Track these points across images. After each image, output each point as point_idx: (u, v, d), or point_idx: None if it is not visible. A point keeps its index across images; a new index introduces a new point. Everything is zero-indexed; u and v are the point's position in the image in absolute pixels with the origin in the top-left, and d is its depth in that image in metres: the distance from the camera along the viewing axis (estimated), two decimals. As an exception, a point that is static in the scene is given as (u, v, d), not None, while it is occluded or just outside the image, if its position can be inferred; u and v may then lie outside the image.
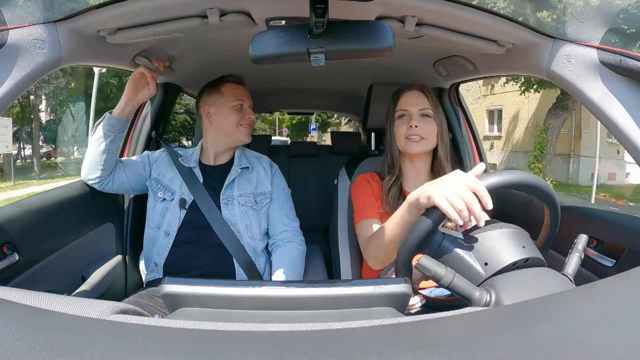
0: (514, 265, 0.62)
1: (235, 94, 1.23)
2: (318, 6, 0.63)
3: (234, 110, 1.21)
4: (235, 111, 1.21)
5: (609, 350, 0.31)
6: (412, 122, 1.05)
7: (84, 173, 1.17)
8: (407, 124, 1.07)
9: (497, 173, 0.67)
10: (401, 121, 1.09)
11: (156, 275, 1.16)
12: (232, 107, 1.22)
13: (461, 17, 0.83)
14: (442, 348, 0.32)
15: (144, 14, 0.83)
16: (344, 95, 2.30)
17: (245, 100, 1.25)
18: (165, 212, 1.17)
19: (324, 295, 0.48)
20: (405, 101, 1.10)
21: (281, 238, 1.21)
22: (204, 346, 0.34)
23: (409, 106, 1.08)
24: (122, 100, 1.13)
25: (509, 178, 0.66)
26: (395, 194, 1.08)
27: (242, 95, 1.25)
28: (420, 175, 1.13)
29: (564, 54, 0.84)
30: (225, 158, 1.25)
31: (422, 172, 1.13)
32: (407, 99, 1.10)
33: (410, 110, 1.08)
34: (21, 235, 0.90)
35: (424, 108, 1.08)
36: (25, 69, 0.74)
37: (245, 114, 1.23)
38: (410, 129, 1.05)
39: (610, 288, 0.44)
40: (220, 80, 1.25)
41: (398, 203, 1.06)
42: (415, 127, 1.05)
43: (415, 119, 1.07)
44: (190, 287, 0.48)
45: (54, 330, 0.35)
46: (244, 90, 1.26)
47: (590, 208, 0.97)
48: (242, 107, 1.24)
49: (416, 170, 1.13)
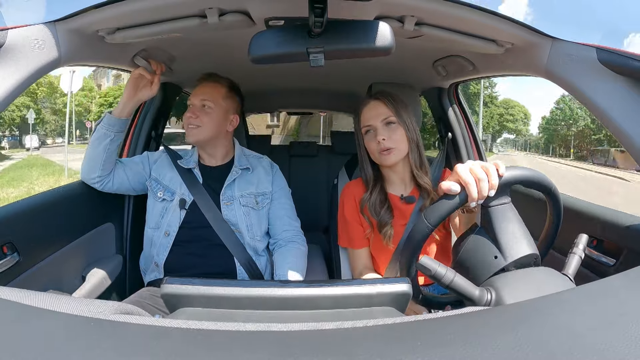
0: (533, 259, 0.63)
1: (192, 95, 1.21)
2: (317, 6, 0.63)
3: (187, 112, 1.19)
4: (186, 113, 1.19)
5: (609, 349, 0.31)
6: (379, 136, 1.04)
7: (83, 173, 1.17)
8: (375, 139, 1.05)
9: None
10: (369, 136, 1.08)
11: (157, 275, 1.16)
12: (187, 109, 1.20)
13: (460, 16, 0.83)
14: (442, 348, 0.32)
15: (143, 14, 0.83)
16: (343, 95, 2.30)
17: (192, 98, 1.19)
18: (165, 212, 1.17)
19: (324, 295, 0.48)
20: (367, 115, 1.08)
21: (283, 238, 1.21)
22: (204, 346, 0.34)
23: (372, 120, 1.07)
24: (122, 100, 1.13)
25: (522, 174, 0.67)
26: (377, 201, 1.09)
27: (192, 95, 1.20)
28: (404, 179, 1.13)
29: (563, 54, 0.84)
30: (223, 159, 1.25)
31: (406, 175, 1.13)
32: (368, 112, 1.08)
33: (373, 123, 1.06)
34: (21, 235, 0.90)
35: (386, 117, 1.06)
36: (24, 69, 0.74)
37: (187, 114, 1.18)
38: (379, 144, 1.04)
39: (610, 287, 0.45)
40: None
41: (382, 209, 1.07)
42: (384, 140, 1.03)
43: (380, 131, 1.04)
44: (190, 287, 0.48)
45: (55, 331, 0.35)
46: (197, 89, 1.21)
47: (591, 208, 0.97)
48: (190, 106, 1.19)
49: (399, 176, 1.13)
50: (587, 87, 0.80)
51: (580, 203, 1.01)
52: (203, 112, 1.17)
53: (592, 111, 0.80)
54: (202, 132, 1.17)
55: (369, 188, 1.10)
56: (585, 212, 0.96)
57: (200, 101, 1.18)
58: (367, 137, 1.08)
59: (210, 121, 1.18)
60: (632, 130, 0.74)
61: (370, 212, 1.09)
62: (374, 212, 1.08)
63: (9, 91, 0.71)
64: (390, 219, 1.06)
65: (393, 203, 1.10)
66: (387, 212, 1.07)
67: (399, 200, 1.11)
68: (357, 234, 1.13)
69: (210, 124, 1.18)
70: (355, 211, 1.13)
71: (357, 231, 1.12)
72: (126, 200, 1.39)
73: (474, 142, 1.60)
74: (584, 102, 0.81)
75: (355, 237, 1.13)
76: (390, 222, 1.06)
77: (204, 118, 1.17)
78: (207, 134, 1.18)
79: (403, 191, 1.13)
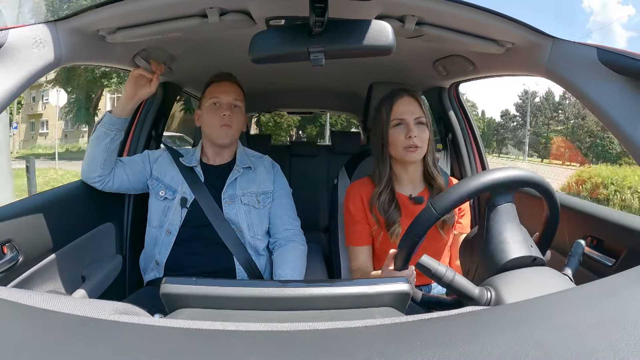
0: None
1: (210, 93, 1.20)
2: (318, 5, 0.63)
3: (210, 110, 1.18)
4: (212, 112, 1.18)
5: (608, 349, 0.31)
6: (412, 133, 1.04)
7: (84, 172, 1.17)
8: (404, 133, 1.05)
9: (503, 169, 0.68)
10: (398, 129, 1.07)
11: (156, 274, 1.16)
12: (208, 108, 1.19)
13: (461, 16, 0.83)
14: (442, 347, 0.32)
15: (144, 13, 0.83)
16: (344, 95, 2.30)
17: (222, 96, 1.18)
18: (166, 210, 1.17)
19: (324, 294, 0.48)
20: (402, 109, 1.07)
21: (283, 237, 1.21)
22: (204, 346, 0.34)
23: (406, 114, 1.06)
24: (123, 99, 1.12)
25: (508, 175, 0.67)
26: (386, 199, 1.08)
27: (218, 92, 1.19)
28: (414, 180, 1.14)
29: (564, 54, 0.84)
30: (226, 158, 1.25)
31: (416, 176, 1.13)
32: (402, 106, 1.08)
33: (407, 118, 1.06)
34: (21, 235, 0.90)
35: (419, 116, 1.07)
36: (25, 69, 0.74)
37: (221, 112, 1.17)
38: (409, 139, 1.04)
39: (609, 287, 0.44)
40: (207, 84, 1.24)
41: (390, 207, 1.07)
42: (415, 138, 1.04)
43: (413, 128, 1.05)
44: (190, 287, 0.48)
45: (55, 331, 0.35)
46: (222, 87, 1.20)
47: (590, 207, 0.97)
48: (218, 105, 1.18)
49: (410, 177, 1.13)
50: (588, 86, 0.80)
51: (580, 203, 1.01)
52: (234, 111, 1.19)
53: (592, 111, 0.80)
54: (234, 132, 1.19)
55: (381, 185, 1.10)
56: (585, 211, 0.96)
57: (233, 100, 1.19)
58: (395, 130, 1.07)
59: (239, 121, 1.21)
60: (632, 130, 0.74)
61: (378, 210, 1.08)
62: (382, 210, 1.07)
63: (10, 91, 0.71)
64: (399, 218, 1.07)
65: (401, 202, 1.10)
66: (395, 210, 1.07)
67: (408, 200, 1.11)
68: (360, 232, 1.12)
69: (239, 125, 1.21)
70: (362, 210, 1.12)
71: (362, 229, 1.12)
72: (126, 199, 1.38)
73: (474, 142, 1.60)
74: (585, 101, 0.81)
75: (358, 235, 1.12)
76: (399, 220, 1.06)
77: (235, 118, 1.19)
78: (237, 134, 1.22)
79: (412, 191, 1.13)
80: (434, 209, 0.67)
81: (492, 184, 0.67)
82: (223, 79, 1.23)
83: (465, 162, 1.57)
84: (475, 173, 1.49)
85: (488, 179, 0.67)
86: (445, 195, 0.69)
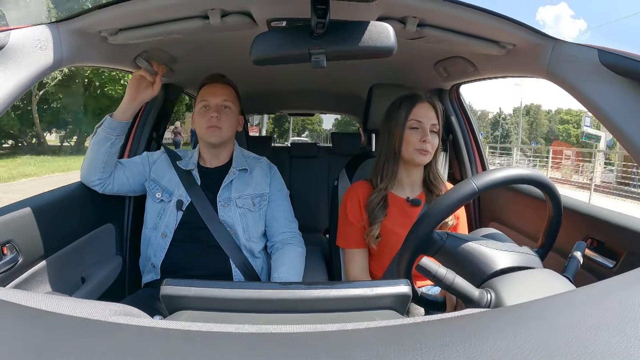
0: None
1: (200, 95, 1.20)
2: (319, 7, 0.63)
3: (199, 113, 1.18)
4: (201, 114, 1.18)
5: (609, 352, 0.31)
6: (427, 137, 1.07)
7: (83, 175, 1.17)
8: (419, 136, 1.07)
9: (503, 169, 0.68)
10: (414, 132, 1.08)
11: (153, 277, 1.15)
12: (198, 111, 1.19)
13: (462, 18, 0.83)
14: (442, 350, 0.32)
15: (146, 15, 0.83)
16: (345, 96, 2.30)
17: (210, 98, 1.18)
18: (162, 213, 1.17)
19: (324, 297, 0.48)
20: (421, 112, 1.09)
21: (280, 240, 1.21)
22: (203, 348, 0.34)
23: (424, 118, 1.08)
24: (124, 102, 1.12)
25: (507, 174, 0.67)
26: (380, 205, 1.09)
27: (207, 95, 1.18)
28: (415, 183, 1.15)
29: (565, 55, 0.84)
30: (223, 160, 1.25)
31: (418, 180, 1.15)
32: (422, 110, 1.09)
33: (424, 122, 1.08)
34: (21, 236, 0.90)
35: (435, 124, 1.09)
36: (27, 70, 0.74)
37: (208, 114, 1.16)
38: (423, 142, 1.06)
39: (610, 289, 0.44)
40: (200, 87, 1.24)
41: (381, 212, 1.09)
42: (428, 142, 1.07)
43: (428, 133, 1.08)
44: (189, 288, 0.48)
45: (54, 332, 0.35)
46: (212, 88, 1.20)
47: (591, 209, 0.97)
48: (207, 107, 1.18)
49: (411, 180, 1.14)
50: (589, 88, 0.80)
51: (580, 204, 1.00)
52: (223, 112, 1.18)
53: (593, 112, 0.80)
54: (224, 133, 1.18)
55: (381, 185, 1.10)
56: (585, 213, 0.96)
57: (223, 101, 1.19)
58: (411, 131, 1.09)
59: (230, 122, 1.20)
60: (633, 131, 0.73)
61: (366, 208, 1.10)
62: (369, 209, 1.09)
63: (11, 92, 0.72)
64: (382, 218, 1.08)
65: (397, 205, 1.11)
66: (381, 209, 1.08)
67: (405, 203, 1.12)
68: (354, 234, 1.13)
69: (230, 125, 1.20)
70: (358, 212, 1.13)
71: (356, 231, 1.12)
72: (126, 201, 1.39)
73: (475, 144, 1.60)
74: (586, 103, 0.81)
75: (352, 237, 1.13)
76: (379, 222, 1.08)
77: (225, 119, 1.18)
78: (228, 134, 1.20)
79: (410, 194, 1.14)
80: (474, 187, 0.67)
81: (499, 182, 0.67)
82: (214, 80, 1.22)
83: (466, 163, 1.57)
84: (476, 174, 1.49)
85: (497, 176, 0.68)
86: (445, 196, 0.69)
